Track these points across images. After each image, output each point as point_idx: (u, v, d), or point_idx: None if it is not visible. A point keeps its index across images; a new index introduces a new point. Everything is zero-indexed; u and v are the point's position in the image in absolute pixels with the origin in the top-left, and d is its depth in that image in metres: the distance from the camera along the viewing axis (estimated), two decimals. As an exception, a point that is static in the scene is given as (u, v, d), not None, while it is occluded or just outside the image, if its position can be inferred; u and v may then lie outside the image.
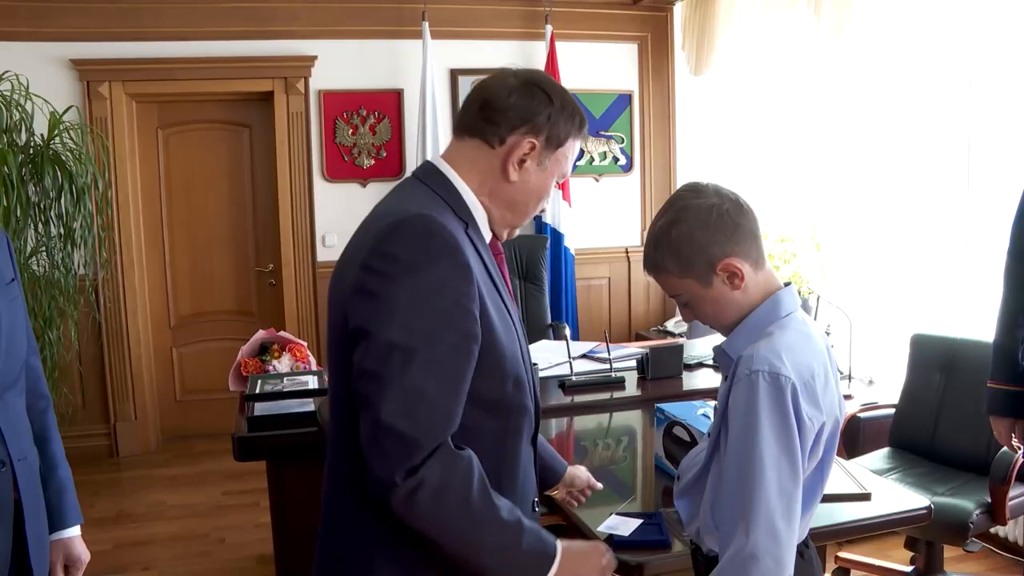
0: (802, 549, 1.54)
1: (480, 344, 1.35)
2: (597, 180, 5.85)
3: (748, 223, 1.48)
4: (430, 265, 1.30)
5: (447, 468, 1.29)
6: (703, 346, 3.87)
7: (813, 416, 1.41)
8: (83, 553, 1.79)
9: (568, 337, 3.47)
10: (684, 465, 1.68)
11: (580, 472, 1.92)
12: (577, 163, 5.77)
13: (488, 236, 1.52)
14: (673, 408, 2.38)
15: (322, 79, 5.38)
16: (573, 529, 2.11)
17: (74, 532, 1.78)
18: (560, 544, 1.42)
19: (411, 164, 5.43)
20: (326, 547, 1.49)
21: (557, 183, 1.56)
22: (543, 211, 1.65)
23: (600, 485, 1.93)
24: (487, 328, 1.36)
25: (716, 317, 1.53)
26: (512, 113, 1.44)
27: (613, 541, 1.90)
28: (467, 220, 1.45)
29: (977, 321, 3.38)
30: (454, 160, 1.48)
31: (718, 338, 4.06)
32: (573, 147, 1.52)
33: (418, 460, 1.26)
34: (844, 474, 2.30)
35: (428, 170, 1.49)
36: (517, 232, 1.60)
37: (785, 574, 1.38)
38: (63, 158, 4.46)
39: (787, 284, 1.55)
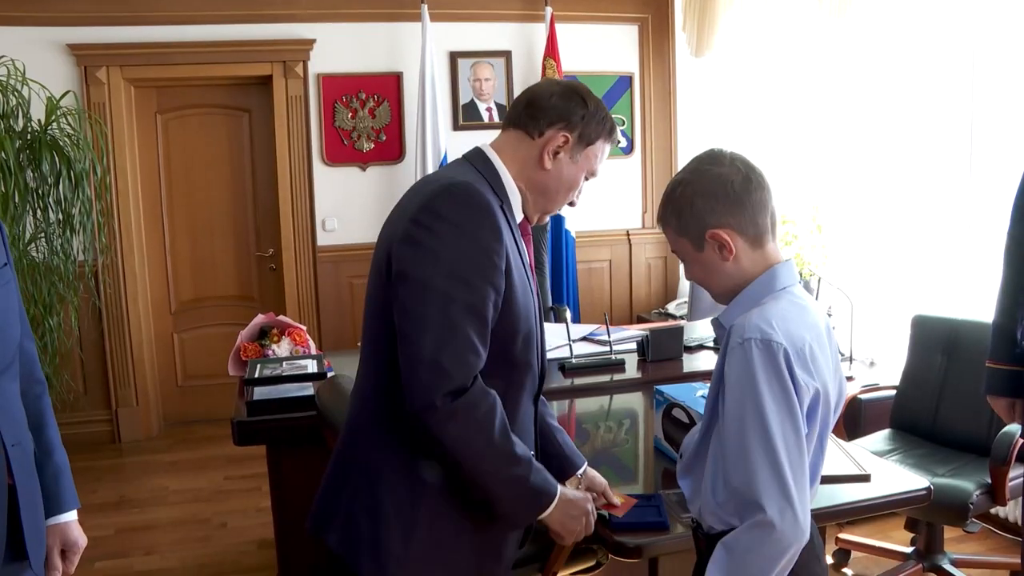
0: None
1: (502, 298, 1.57)
2: (598, 163, 5.82)
3: (754, 199, 1.50)
4: (470, 224, 1.54)
5: (477, 400, 1.52)
6: (704, 328, 3.86)
7: (807, 381, 1.43)
8: (80, 538, 1.78)
9: (568, 320, 3.46)
10: (686, 443, 1.69)
11: (598, 478, 1.99)
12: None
13: (520, 217, 1.74)
14: (672, 390, 2.37)
15: (321, 63, 5.36)
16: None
17: (71, 517, 1.77)
18: (560, 488, 1.68)
19: (411, 147, 5.41)
20: (341, 451, 1.73)
21: (586, 178, 1.78)
22: (572, 203, 1.82)
23: (618, 501, 1.95)
24: (509, 285, 1.58)
25: (704, 281, 1.59)
26: (552, 111, 1.69)
27: (611, 523, 1.90)
28: (502, 198, 1.67)
29: (979, 302, 3.37)
30: (499, 148, 1.73)
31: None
32: (603, 149, 1.76)
33: (451, 388, 1.49)
34: (844, 455, 2.29)
35: (476, 153, 1.73)
36: (547, 219, 1.83)
37: (803, 537, 1.39)
38: (61, 144, 4.44)
39: (785, 260, 1.56)
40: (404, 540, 1.60)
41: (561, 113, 1.69)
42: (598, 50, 5.75)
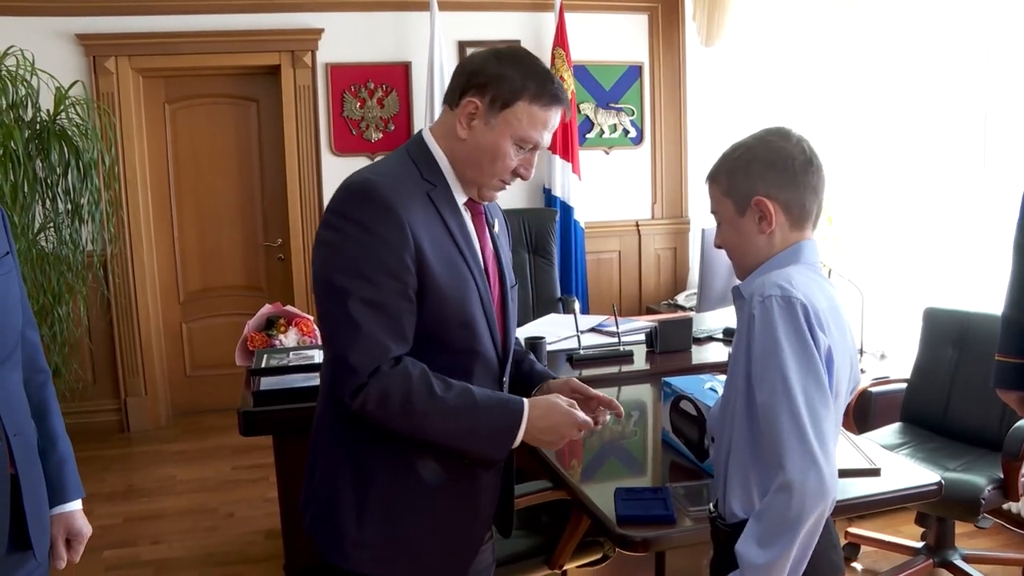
0: None
1: (418, 289, 1.56)
2: (607, 153, 5.80)
3: (806, 182, 1.51)
4: (368, 220, 1.52)
5: (384, 384, 1.52)
6: (713, 319, 3.83)
7: (821, 339, 1.43)
8: (84, 527, 1.78)
9: (576, 311, 3.44)
10: (712, 423, 1.67)
11: (574, 383, 1.81)
12: (587, 136, 5.72)
13: (463, 197, 1.69)
14: (680, 382, 2.35)
15: (329, 52, 5.33)
16: (578, 505, 2.09)
17: (75, 506, 1.76)
18: (526, 403, 1.61)
19: (419, 138, 5.38)
20: (311, 438, 1.76)
21: (527, 149, 1.64)
22: (521, 176, 1.68)
23: (621, 408, 1.79)
24: (426, 276, 1.56)
25: (734, 248, 1.59)
26: (464, 77, 1.63)
27: (618, 516, 1.88)
28: (435, 182, 1.63)
29: (991, 294, 3.33)
30: (434, 128, 1.69)
31: (728, 312, 4.03)
32: (529, 112, 1.60)
33: (359, 382, 1.52)
34: (854, 449, 2.27)
35: (414, 138, 1.71)
36: (494, 195, 1.72)
37: (828, 495, 1.38)
38: (69, 134, 4.44)
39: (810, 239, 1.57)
40: (357, 521, 1.65)
41: (471, 78, 1.61)
42: (607, 39, 5.71)
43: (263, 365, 3.12)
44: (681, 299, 5.68)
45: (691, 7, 5.54)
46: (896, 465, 2.22)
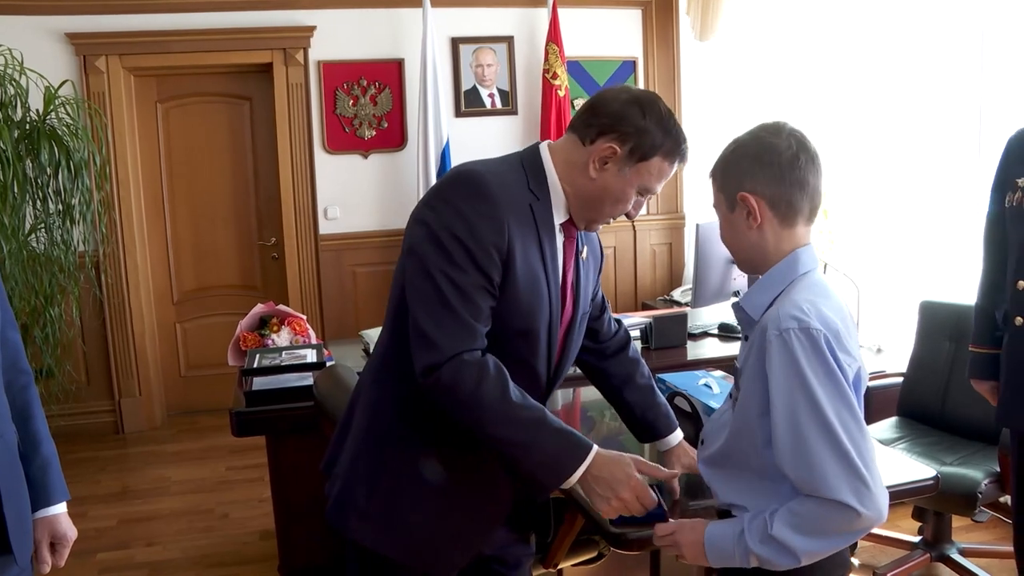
0: None
1: (499, 288, 1.59)
2: (602, 149, 5.77)
3: (792, 177, 1.50)
4: (470, 210, 1.56)
5: (461, 368, 1.55)
6: (708, 315, 3.82)
7: (848, 362, 1.42)
8: (69, 530, 1.75)
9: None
10: (708, 429, 1.66)
11: (686, 454, 1.98)
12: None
13: (562, 218, 1.72)
14: (674, 379, 2.34)
15: (322, 50, 5.30)
16: (573, 503, 2.07)
17: (59, 509, 1.74)
18: (596, 447, 1.60)
19: (412, 134, 5.37)
20: (347, 407, 1.82)
21: (640, 196, 1.71)
22: (629, 216, 1.78)
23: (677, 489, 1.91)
24: (508, 278, 1.59)
25: (730, 243, 1.60)
26: (606, 119, 1.64)
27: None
28: (539, 196, 1.67)
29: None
30: (555, 148, 1.72)
31: (723, 308, 4.01)
32: (660, 166, 1.66)
33: (439, 360, 1.54)
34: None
35: (530, 148, 1.74)
36: (599, 228, 1.81)
37: (883, 516, 1.39)
38: (59, 133, 4.41)
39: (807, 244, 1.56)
40: (368, 494, 1.71)
41: (615, 123, 1.63)
42: (601, 35, 5.68)
43: (255, 365, 3.11)
44: (677, 295, 5.66)
45: (685, 2, 5.52)
46: (893, 460, 2.21)
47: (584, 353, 2.02)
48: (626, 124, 1.62)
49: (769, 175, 1.49)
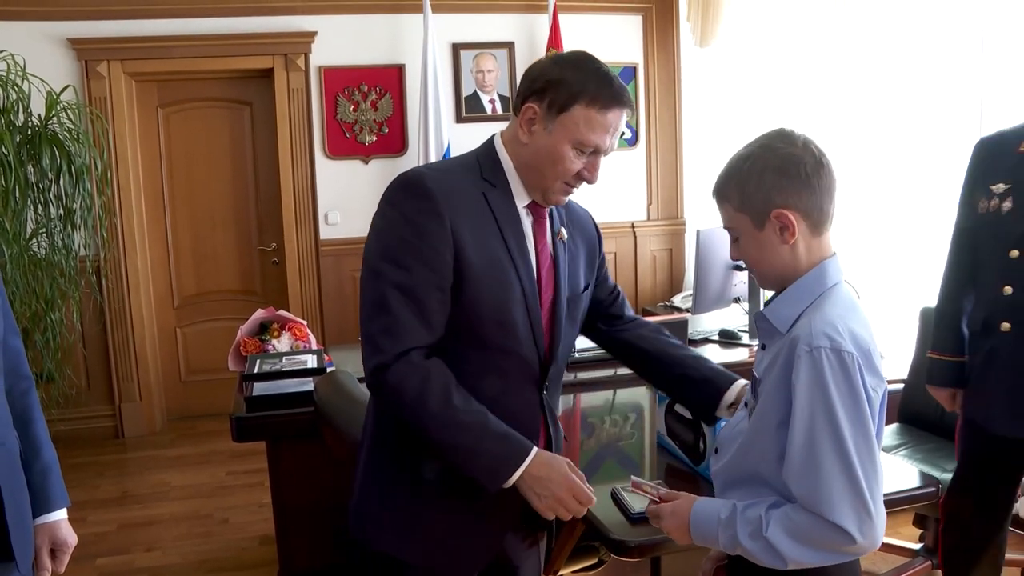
0: None
1: (455, 283, 1.60)
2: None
3: (821, 184, 1.46)
4: (410, 210, 1.59)
5: (406, 372, 1.57)
6: (709, 321, 3.82)
7: (876, 386, 1.41)
8: (69, 536, 1.75)
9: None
10: (724, 436, 1.64)
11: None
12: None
13: (525, 200, 1.73)
14: (675, 385, 2.32)
15: (322, 55, 5.31)
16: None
17: (60, 515, 1.74)
18: (536, 449, 1.62)
19: (413, 140, 5.37)
20: (368, 410, 1.84)
21: (586, 152, 1.66)
22: (587, 180, 1.72)
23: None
24: (464, 271, 1.60)
25: (757, 262, 1.53)
26: (526, 83, 1.67)
27: (633, 514, 1.86)
28: (495, 183, 1.69)
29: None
30: (503, 132, 1.76)
31: (724, 314, 4.00)
32: (586, 115, 1.62)
33: (385, 360, 1.57)
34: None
35: (486, 141, 1.77)
36: (561, 199, 1.75)
37: (877, 545, 1.39)
38: (61, 138, 4.41)
39: (833, 254, 1.53)
40: (380, 500, 1.74)
41: (531, 83, 1.65)
42: (602, 41, 5.68)
43: (256, 370, 3.11)
44: (677, 300, 5.66)
45: (685, 8, 5.52)
46: (894, 467, 2.21)
47: (612, 331, 2.08)
48: (540, 80, 1.64)
49: (799, 187, 1.44)
